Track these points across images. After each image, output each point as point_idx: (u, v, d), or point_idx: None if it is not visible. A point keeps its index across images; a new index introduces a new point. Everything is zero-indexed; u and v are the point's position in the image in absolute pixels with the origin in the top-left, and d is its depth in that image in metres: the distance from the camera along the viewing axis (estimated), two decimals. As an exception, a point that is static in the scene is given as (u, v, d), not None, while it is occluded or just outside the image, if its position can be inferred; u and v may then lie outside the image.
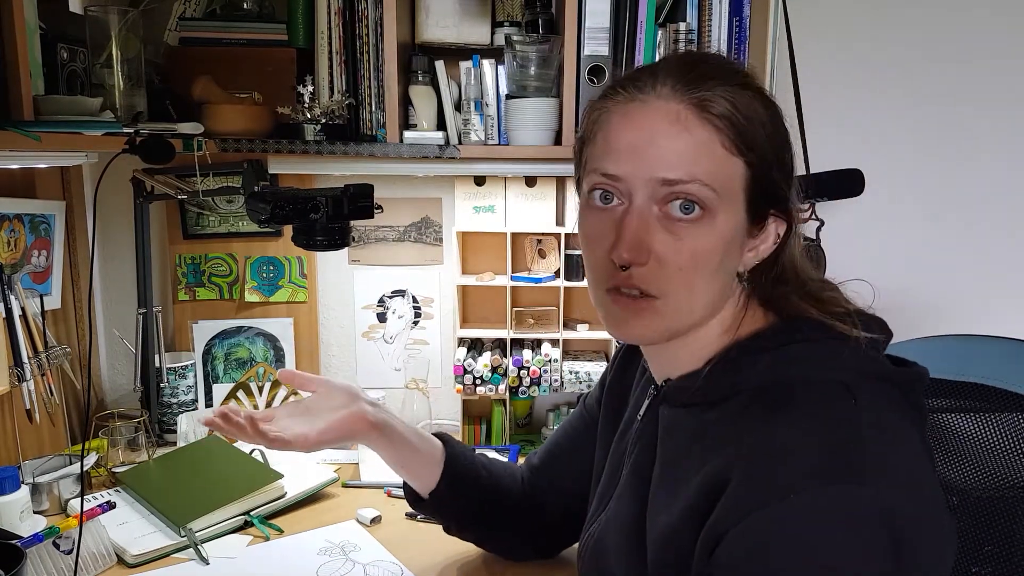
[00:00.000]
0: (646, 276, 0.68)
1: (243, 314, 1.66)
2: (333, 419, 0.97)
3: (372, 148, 1.39)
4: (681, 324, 0.71)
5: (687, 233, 0.67)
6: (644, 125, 0.67)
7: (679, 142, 0.65)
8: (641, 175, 0.67)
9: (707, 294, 0.70)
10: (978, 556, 0.85)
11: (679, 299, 0.69)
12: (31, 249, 1.40)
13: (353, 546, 1.18)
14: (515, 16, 1.51)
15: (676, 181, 0.66)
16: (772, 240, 0.72)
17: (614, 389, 0.95)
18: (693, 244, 0.67)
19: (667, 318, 0.70)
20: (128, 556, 1.13)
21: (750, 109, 0.67)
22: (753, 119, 0.67)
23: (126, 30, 1.28)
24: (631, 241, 0.67)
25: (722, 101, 0.66)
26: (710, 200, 0.66)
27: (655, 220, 0.67)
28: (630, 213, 0.68)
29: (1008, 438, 0.86)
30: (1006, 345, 0.91)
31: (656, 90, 0.67)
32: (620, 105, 0.69)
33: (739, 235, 0.69)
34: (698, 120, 0.65)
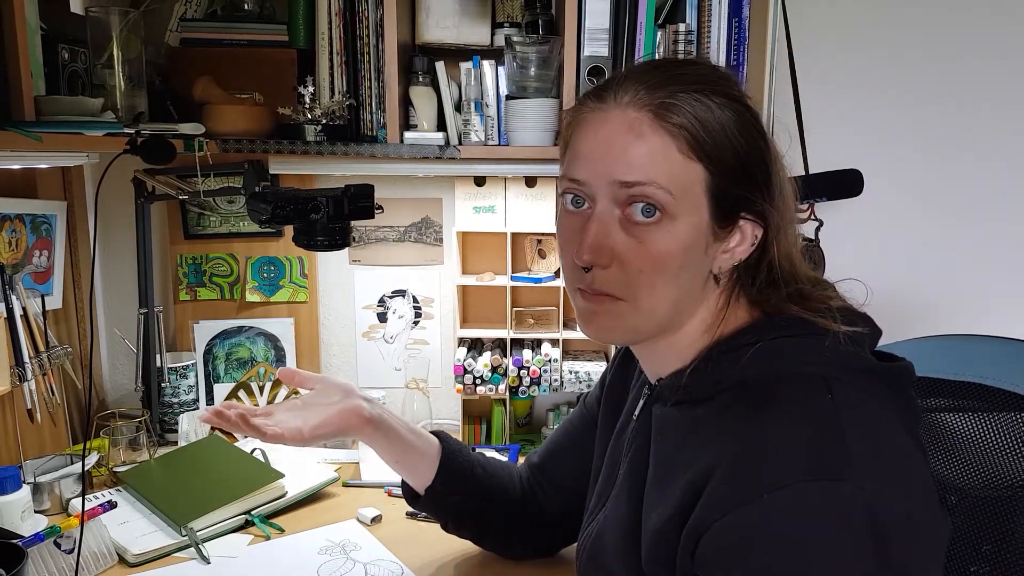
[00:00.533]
0: (608, 278, 0.70)
1: (244, 314, 1.66)
2: (328, 414, 0.99)
3: (372, 148, 1.40)
4: (646, 325, 0.72)
5: (647, 236, 0.68)
6: (602, 132, 0.69)
7: (635, 148, 0.68)
8: (601, 179, 0.69)
9: (670, 295, 0.70)
10: (977, 555, 0.85)
11: (641, 300, 0.70)
12: (32, 249, 1.40)
13: (354, 545, 1.18)
14: (515, 17, 1.51)
15: (633, 183, 0.68)
16: (749, 243, 0.72)
17: (613, 388, 0.96)
18: (654, 246, 0.68)
19: (629, 318, 0.72)
20: (129, 555, 1.13)
21: (711, 115, 0.68)
22: (714, 126, 0.68)
23: (127, 31, 1.28)
24: (591, 243, 0.69)
25: (680, 108, 0.67)
26: (668, 203, 0.67)
27: (616, 223, 0.69)
28: (593, 216, 0.70)
29: (1007, 438, 0.86)
30: (1005, 345, 0.91)
31: (616, 100, 0.70)
32: (586, 115, 0.72)
33: (703, 238, 0.70)
34: (653, 127, 0.67)
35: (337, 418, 0.99)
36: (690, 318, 0.74)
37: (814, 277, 0.76)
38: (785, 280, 0.74)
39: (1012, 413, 0.86)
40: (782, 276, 0.74)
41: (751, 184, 0.70)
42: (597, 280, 0.71)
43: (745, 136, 0.70)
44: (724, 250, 0.72)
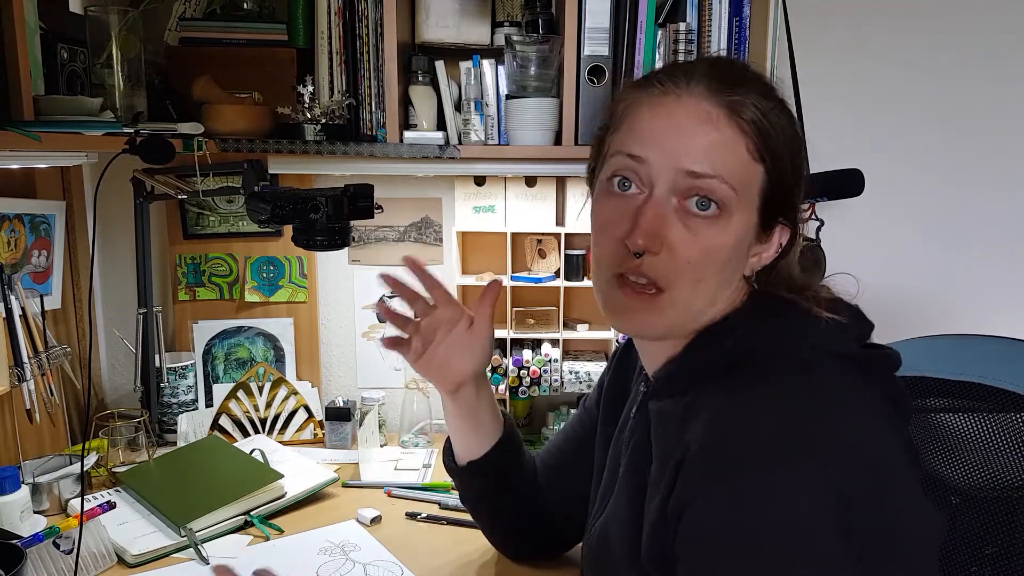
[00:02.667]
0: (656, 266, 0.69)
1: (243, 314, 1.66)
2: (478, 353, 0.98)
3: (372, 148, 1.39)
4: (682, 320, 0.73)
5: (702, 229, 0.68)
6: (675, 117, 0.69)
7: (707, 138, 0.67)
8: (667, 162, 0.68)
9: (710, 291, 0.71)
10: (978, 556, 0.85)
11: (684, 293, 0.70)
12: (31, 249, 1.40)
13: (353, 546, 1.18)
14: (515, 16, 1.51)
15: (700, 175, 0.67)
16: (775, 248, 0.74)
17: (612, 390, 0.96)
18: (707, 241, 0.68)
19: (669, 313, 0.71)
20: (128, 556, 1.13)
21: (776, 118, 0.69)
22: (777, 128, 0.69)
23: (126, 30, 1.28)
24: (648, 229, 0.68)
25: (752, 108, 0.68)
26: (729, 199, 0.68)
27: (672, 212, 0.69)
28: (649, 202, 0.69)
29: (1008, 438, 0.86)
30: (1005, 345, 0.91)
31: (690, 88, 0.69)
32: (653, 97, 0.71)
33: (749, 238, 0.71)
34: (728, 122, 0.67)
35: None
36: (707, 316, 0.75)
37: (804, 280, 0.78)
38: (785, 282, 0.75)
39: (1012, 413, 0.86)
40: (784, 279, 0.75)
41: (795, 190, 0.72)
42: (645, 265, 0.70)
43: (795, 143, 0.72)
44: (754, 253, 0.73)
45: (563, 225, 1.61)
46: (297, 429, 1.59)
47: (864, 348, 0.73)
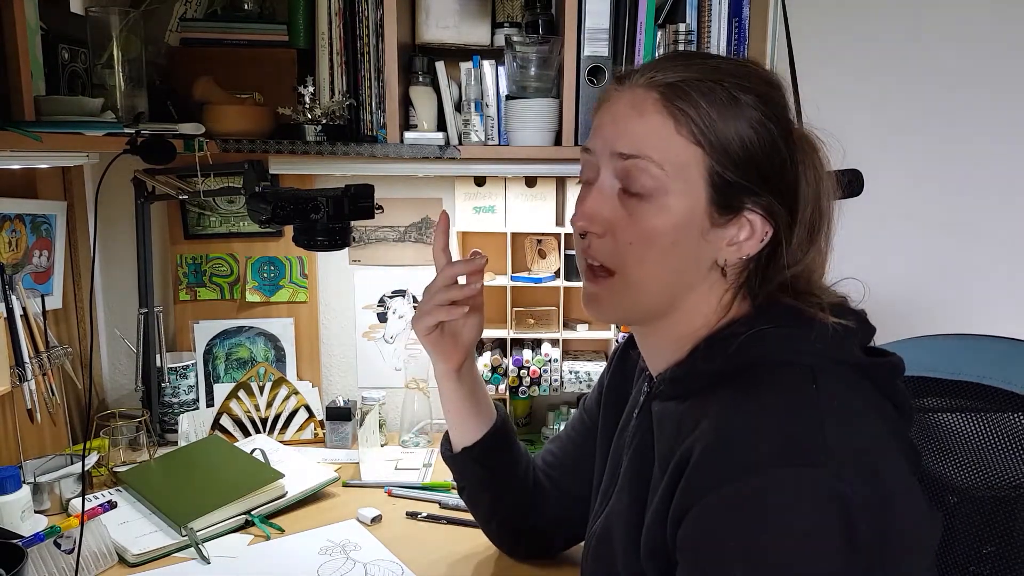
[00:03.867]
0: (602, 248, 0.74)
1: (244, 314, 1.66)
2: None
3: (372, 148, 1.40)
4: (638, 302, 0.74)
5: (638, 209, 0.71)
6: (614, 108, 0.73)
7: (637, 122, 0.71)
8: (604, 149, 0.73)
9: (660, 274, 0.72)
10: (977, 556, 0.85)
11: (632, 274, 0.72)
12: (32, 249, 1.40)
13: (354, 545, 1.18)
14: (515, 17, 1.51)
15: (628, 155, 0.71)
16: (758, 238, 0.72)
17: (612, 390, 0.96)
18: (643, 221, 0.71)
19: (624, 295, 0.74)
20: (129, 555, 1.13)
21: (721, 104, 0.69)
22: (721, 113, 0.69)
23: (127, 31, 1.28)
24: (586, 211, 0.74)
25: (687, 93, 0.69)
26: (659, 178, 0.70)
27: (613, 195, 0.73)
28: (595, 186, 0.74)
29: (1006, 438, 0.86)
30: (1004, 345, 0.91)
31: (633, 80, 0.73)
32: (607, 94, 0.76)
33: (697, 220, 0.70)
34: (657, 106, 0.70)
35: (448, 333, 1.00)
36: (688, 306, 0.74)
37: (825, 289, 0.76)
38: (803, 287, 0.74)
39: (1011, 413, 0.86)
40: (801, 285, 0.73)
41: (757, 177, 0.70)
42: (592, 247, 0.74)
43: (758, 130, 0.70)
44: (730, 241, 0.72)
45: (563, 225, 1.61)
46: (298, 429, 1.59)
47: (870, 355, 0.72)
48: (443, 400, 1.05)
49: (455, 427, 1.06)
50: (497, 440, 1.05)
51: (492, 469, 1.05)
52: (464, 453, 1.05)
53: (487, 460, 1.05)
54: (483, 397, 1.06)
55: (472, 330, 1.01)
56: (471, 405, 1.04)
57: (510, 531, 1.10)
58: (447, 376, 1.02)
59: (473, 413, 1.04)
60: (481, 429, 1.04)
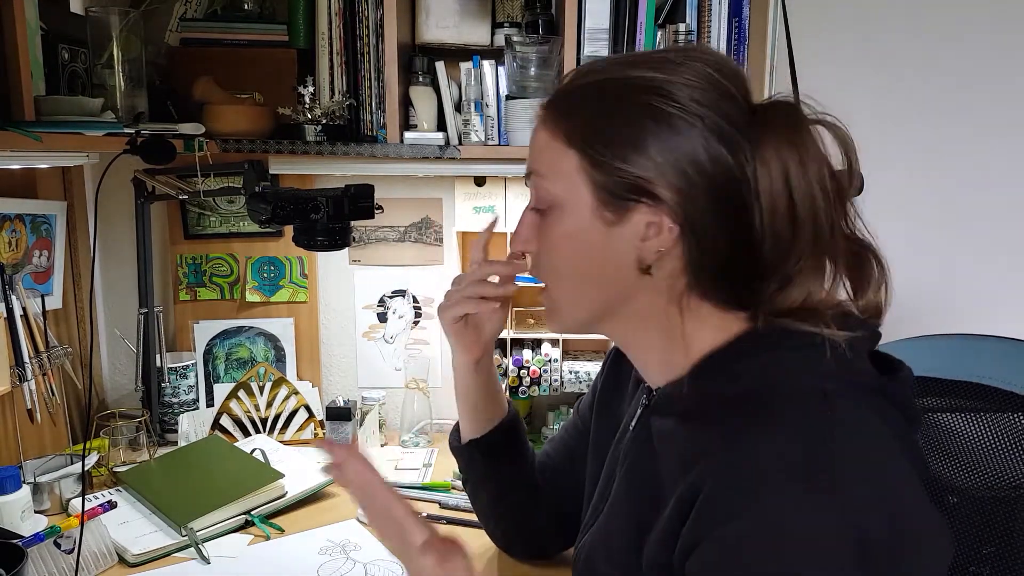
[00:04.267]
0: (533, 265, 0.77)
1: (244, 314, 1.66)
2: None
3: (372, 148, 1.40)
4: (571, 313, 0.75)
5: (543, 224, 0.73)
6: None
7: (533, 142, 0.73)
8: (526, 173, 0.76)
9: (576, 283, 0.72)
10: (977, 556, 0.85)
11: (552, 287, 0.75)
12: (32, 249, 1.40)
13: (354, 545, 1.18)
14: (515, 17, 1.51)
15: (528, 173, 0.74)
16: (667, 231, 0.66)
17: (606, 395, 0.94)
18: (546, 234, 0.72)
19: (555, 307, 0.76)
20: (129, 555, 1.13)
21: (593, 100, 0.68)
22: (592, 110, 0.68)
23: (127, 31, 1.28)
24: (514, 234, 0.77)
25: (566, 99, 0.70)
26: (550, 190, 0.71)
27: (530, 213, 0.75)
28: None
29: (1007, 438, 0.86)
30: (1005, 345, 0.91)
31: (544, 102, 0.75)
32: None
33: (593, 225, 0.69)
34: (544, 120, 0.71)
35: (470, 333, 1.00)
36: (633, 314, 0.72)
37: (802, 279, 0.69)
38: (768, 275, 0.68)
39: (1011, 413, 0.86)
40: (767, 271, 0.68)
41: (632, 164, 0.66)
42: (532, 266, 0.77)
43: (626, 116, 0.66)
44: (641, 238, 0.67)
45: (563, 225, 1.61)
46: (298, 429, 1.59)
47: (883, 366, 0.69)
48: (457, 391, 1.05)
49: (465, 418, 1.06)
50: (504, 436, 1.05)
51: (496, 464, 1.05)
52: (471, 444, 1.05)
53: (492, 454, 1.04)
54: (497, 393, 1.05)
55: (495, 325, 0.99)
56: (484, 399, 1.03)
57: (508, 529, 1.10)
58: (465, 368, 1.02)
59: (485, 407, 1.04)
60: (491, 423, 1.04)
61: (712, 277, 0.68)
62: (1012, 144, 1.60)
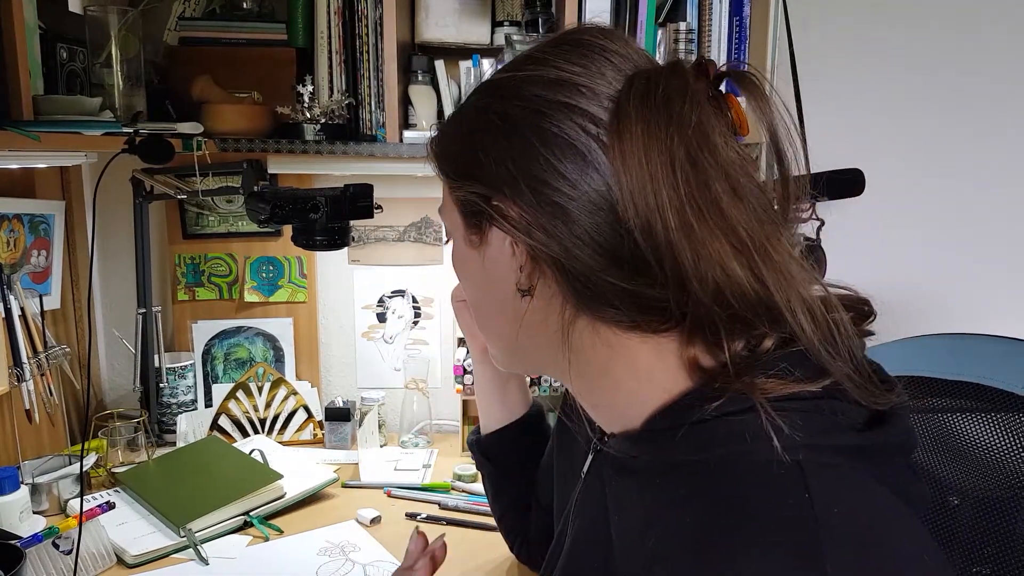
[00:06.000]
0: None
1: (243, 314, 1.66)
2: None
3: (372, 148, 1.39)
4: (493, 347, 0.70)
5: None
6: None
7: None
8: None
9: (481, 312, 0.68)
10: (978, 556, 0.85)
11: (480, 324, 0.69)
12: (30, 249, 1.39)
13: (353, 546, 1.18)
14: (515, 16, 1.50)
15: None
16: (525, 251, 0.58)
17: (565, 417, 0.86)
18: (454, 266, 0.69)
19: (488, 342, 0.71)
20: (128, 556, 1.13)
21: (449, 129, 0.65)
22: (450, 139, 0.64)
23: (125, 30, 1.28)
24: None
25: (441, 130, 0.66)
26: (444, 222, 0.68)
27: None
28: None
29: (1008, 438, 0.85)
30: (1005, 345, 0.91)
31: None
32: None
33: (465, 249, 0.64)
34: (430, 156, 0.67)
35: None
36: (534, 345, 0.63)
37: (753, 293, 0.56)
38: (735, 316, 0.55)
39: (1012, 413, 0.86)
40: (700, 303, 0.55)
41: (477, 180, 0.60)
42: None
43: (474, 131, 0.61)
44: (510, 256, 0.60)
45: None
46: (297, 429, 1.59)
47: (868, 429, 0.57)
48: (475, 383, 1.04)
49: (480, 411, 1.04)
50: (520, 433, 1.01)
51: (500, 464, 1.03)
52: (486, 439, 1.03)
53: (497, 453, 1.03)
54: (514, 390, 1.02)
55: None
56: (496, 394, 1.01)
57: (510, 531, 1.09)
58: (475, 358, 1.01)
59: (497, 402, 1.02)
60: (501, 421, 1.02)
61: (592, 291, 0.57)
62: (1013, 143, 1.60)
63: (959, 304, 1.65)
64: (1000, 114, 1.59)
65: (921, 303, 1.66)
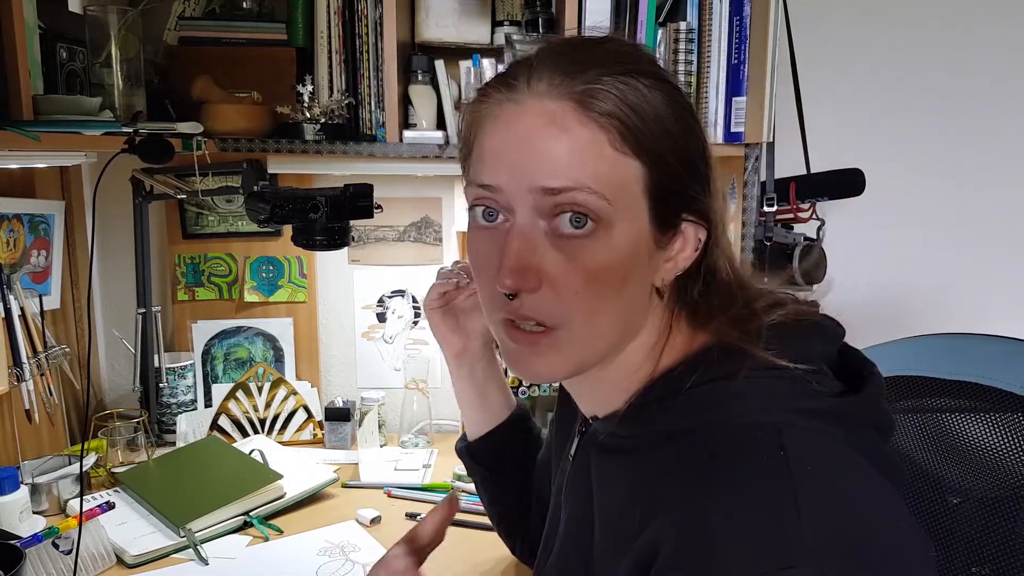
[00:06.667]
0: (539, 304, 0.59)
1: (242, 314, 1.65)
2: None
3: (372, 148, 1.39)
4: (590, 355, 0.62)
5: (581, 250, 0.58)
6: (518, 127, 0.58)
7: (560, 145, 0.57)
8: (520, 185, 0.58)
9: (614, 318, 0.60)
10: (978, 556, 0.85)
11: (581, 328, 0.60)
12: (30, 249, 1.39)
13: (353, 546, 1.18)
14: (515, 15, 1.50)
15: (560, 190, 0.57)
16: (692, 248, 0.62)
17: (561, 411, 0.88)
18: (589, 263, 0.58)
19: (570, 351, 0.61)
20: (127, 556, 1.13)
21: (643, 100, 0.58)
22: (647, 112, 0.58)
23: (125, 30, 1.28)
24: (514, 264, 0.58)
25: (607, 94, 0.57)
26: (602, 210, 0.57)
27: (543, 237, 0.59)
28: (513, 231, 0.59)
29: (1008, 438, 0.85)
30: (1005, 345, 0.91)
31: (531, 87, 0.58)
32: (493, 108, 0.60)
33: (645, 246, 0.59)
34: (580, 119, 0.57)
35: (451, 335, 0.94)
36: (632, 340, 0.64)
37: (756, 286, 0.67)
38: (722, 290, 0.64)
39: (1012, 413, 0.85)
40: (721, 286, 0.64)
41: (692, 178, 0.61)
42: (525, 307, 0.60)
43: (680, 122, 0.59)
44: (667, 258, 0.62)
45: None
46: (296, 429, 1.59)
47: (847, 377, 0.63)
48: (453, 388, 1.01)
49: (464, 418, 1.02)
50: (503, 438, 1.00)
51: (492, 467, 1.02)
52: (471, 444, 1.02)
53: (486, 457, 1.01)
54: (494, 392, 0.99)
55: (474, 320, 0.91)
56: (477, 399, 0.98)
57: (509, 533, 1.09)
58: (448, 364, 0.97)
59: (479, 407, 0.99)
60: (486, 425, 1.00)
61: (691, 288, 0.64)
62: (1013, 143, 1.60)
63: (959, 304, 1.65)
64: (1000, 114, 1.59)
65: (921, 303, 1.66)
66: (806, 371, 0.60)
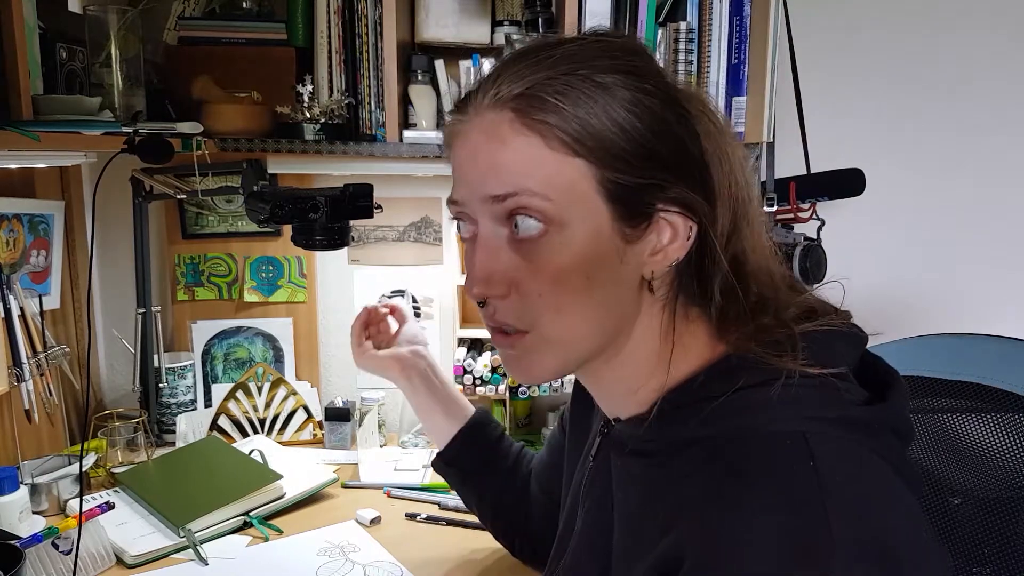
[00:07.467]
0: (508, 308, 0.62)
1: (242, 314, 1.65)
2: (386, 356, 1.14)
3: (372, 147, 1.39)
4: (573, 353, 0.63)
5: (536, 252, 0.59)
6: (469, 147, 0.61)
7: (501, 156, 0.59)
8: (474, 197, 0.61)
9: (589, 314, 0.61)
10: (979, 556, 0.85)
11: (551, 328, 0.61)
12: (30, 249, 1.39)
13: (353, 547, 1.18)
14: (515, 15, 1.50)
15: (504, 196, 0.59)
16: (684, 238, 0.61)
17: (576, 409, 0.88)
18: (546, 263, 0.59)
19: (549, 352, 0.63)
20: (127, 556, 1.13)
21: (586, 98, 0.58)
22: (590, 109, 0.58)
23: (125, 29, 1.28)
24: (478, 274, 0.61)
25: (543, 99, 0.58)
26: (549, 210, 0.58)
27: (505, 244, 0.61)
28: (477, 242, 0.62)
29: (1008, 438, 0.85)
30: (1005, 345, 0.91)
31: (477, 103, 0.61)
32: (455, 127, 0.64)
33: (609, 242, 0.60)
34: (516, 127, 0.59)
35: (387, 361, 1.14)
36: (629, 338, 0.64)
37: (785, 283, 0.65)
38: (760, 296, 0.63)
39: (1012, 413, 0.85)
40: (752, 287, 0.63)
41: (659, 168, 0.59)
42: (498, 312, 0.62)
43: (641, 113, 0.59)
44: (653, 251, 0.61)
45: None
46: (296, 429, 1.59)
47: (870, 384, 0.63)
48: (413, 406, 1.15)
49: (430, 432, 1.14)
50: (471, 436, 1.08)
51: (467, 467, 1.08)
52: (442, 452, 1.10)
53: (458, 459, 1.08)
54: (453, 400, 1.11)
55: (394, 336, 1.15)
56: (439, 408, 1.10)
57: (505, 533, 1.09)
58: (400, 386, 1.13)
59: (441, 415, 1.10)
60: (452, 431, 1.09)
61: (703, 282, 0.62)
62: (1013, 143, 1.60)
63: (959, 304, 1.65)
64: (1000, 114, 1.59)
65: (921, 303, 1.66)
66: (835, 376, 0.60)
